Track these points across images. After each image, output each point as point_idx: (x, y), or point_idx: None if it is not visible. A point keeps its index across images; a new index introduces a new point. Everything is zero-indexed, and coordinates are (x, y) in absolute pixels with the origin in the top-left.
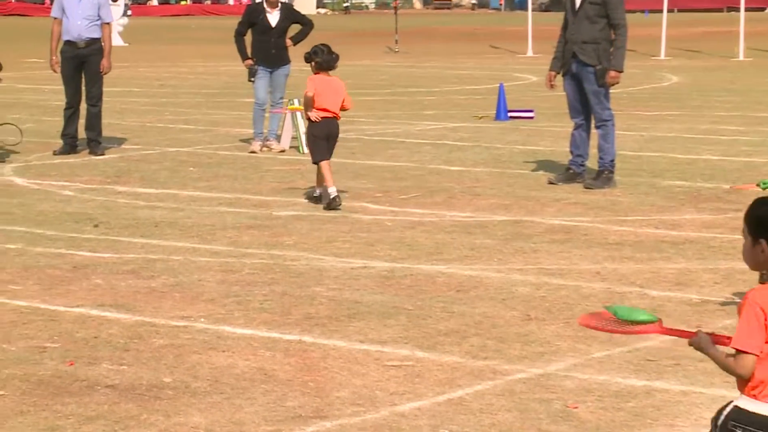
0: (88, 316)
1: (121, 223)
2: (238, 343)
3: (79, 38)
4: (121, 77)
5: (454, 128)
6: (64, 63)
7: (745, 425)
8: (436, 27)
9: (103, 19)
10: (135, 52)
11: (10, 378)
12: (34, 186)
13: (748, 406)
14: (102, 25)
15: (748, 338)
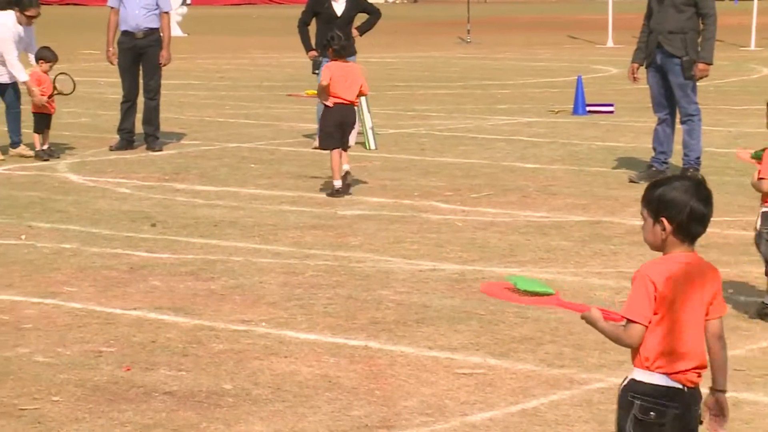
0: (145, 320)
1: (179, 222)
2: (300, 348)
3: (137, 28)
4: (180, 69)
5: (529, 123)
6: (122, 54)
7: (641, 396)
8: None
9: (162, 9)
10: (194, 43)
11: (65, 383)
12: (90, 183)
13: (642, 378)
14: (161, 14)
15: (637, 308)
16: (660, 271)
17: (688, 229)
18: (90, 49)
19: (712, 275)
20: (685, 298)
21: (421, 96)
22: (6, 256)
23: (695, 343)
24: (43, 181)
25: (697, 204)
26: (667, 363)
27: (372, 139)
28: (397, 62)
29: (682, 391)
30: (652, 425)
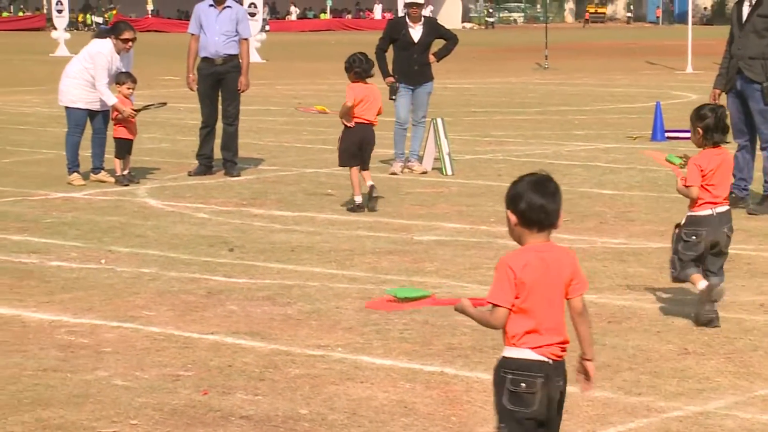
0: (222, 344)
1: (256, 247)
2: (377, 373)
3: (217, 55)
4: (259, 95)
5: (607, 149)
6: (201, 80)
7: (513, 370)
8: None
9: (241, 35)
10: (273, 69)
11: (143, 407)
12: (169, 208)
13: (512, 354)
14: (240, 41)
15: (499, 294)
16: (517, 259)
17: (530, 219)
18: (170, 75)
19: (567, 260)
20: (543, 281)
21: (498, 122)
22: (86, 280)
23: (556, 321)
24: (123, 206)
25: (534, 195)
26: (532, 339)
27: (449, 164)
28: (473, 88)
29: (547, 363)
30: (524, 395)
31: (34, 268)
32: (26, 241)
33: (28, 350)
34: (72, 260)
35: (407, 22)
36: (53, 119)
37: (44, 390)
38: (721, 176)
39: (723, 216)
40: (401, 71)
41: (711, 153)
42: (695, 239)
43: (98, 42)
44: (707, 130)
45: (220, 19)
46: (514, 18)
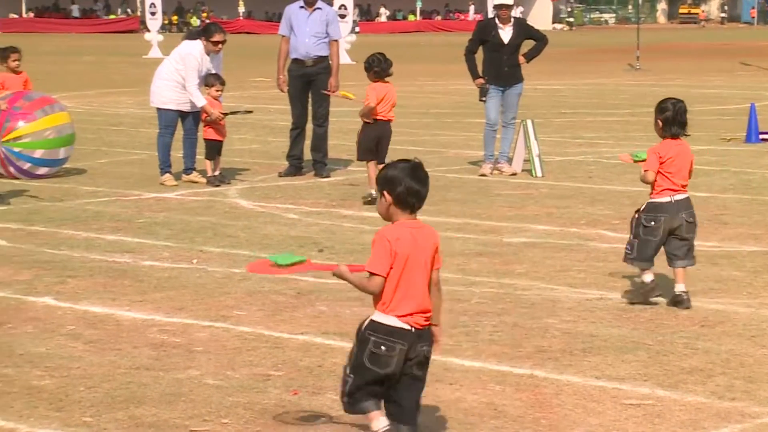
0: (312, 344)
1: (345, 248)
2: (466, 375)
3: (307, 56)
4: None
5: (700, 151)
6: (291, 82)
7: (377, 334)
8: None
9: (332, 36)
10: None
11: (233, 406)
12: (259, 209)
13: (379, 319)
14: (330, 42)
15: (377, 263)
16: (393, 233)
17: (406, 201)
18: (260, 77)
19: (433, 237)
20: (412, 255)
21: (589, 123)
22: (178, 279)
23: (422, 292)
24: (214, 206)
25: (411, 181)
26: (398, 307)
27: (539, 166)
28: (564, 89)
29: (409, 331)
30: (382, 357)
31: (127, 267)
32: (120, 241)
33: (121, 348)
34: (164, 260)
35: (497, 23)
36: (146, 120)
37: (137, 388)
38: (679, 165)
39: (681, 203)
40: (491, 73)
41: (670, 143)
42: (654, 224)
43: (188, 43)
44: (666, 122)
45: (311, 20)
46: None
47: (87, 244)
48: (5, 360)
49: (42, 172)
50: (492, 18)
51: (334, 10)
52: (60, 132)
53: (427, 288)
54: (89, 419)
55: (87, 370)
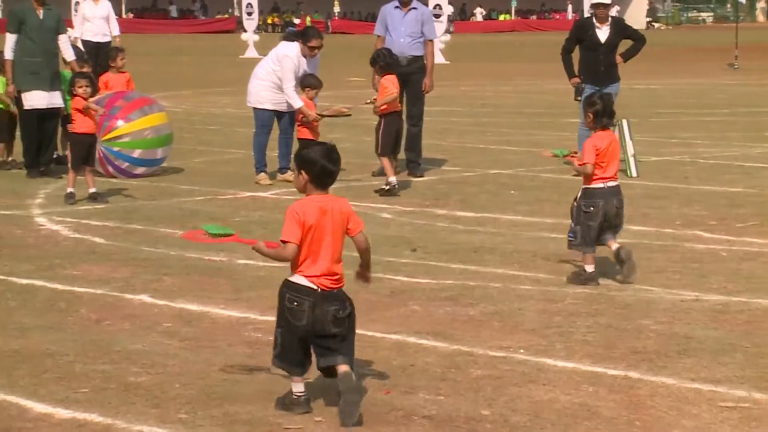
0: (404, 343)
1: (439, 247)
2: (559, 376)
3: (402, 56)
4: (443, 96)
5: None
6: None
7: (289, 291)
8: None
9: (427, 36)
10: (457, 70)
11: (328, 404)
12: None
13: (293, 279)
14: (425, 42)
15: (290, 233)
16: (303, 206)
17: (320, 180)
18: (355, 77)
19: (341, 207)
20: (319, 225)
21: (686, 123)
22: (272, 278)
23: (328, 258)
24: None
25: (326, 163)
26: (306, 269)
27: (634, 166)
28: (660, 89)
29: (315, 290)
30: (295, 311)
31: (222, 266)
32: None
33: (216, 346)
34: (259, 259)
35: (594, 22)
36: (242, 120)
37: (232, 386)
38: (611, 155)
39: (613, 189)
40: (587, 72)
41: (602, 135)
42: (593, 209)
43: (286, 45)
44: (596, 114)
45: (406, 20)
46: (702, 18)
47: (183, 243)
48: (103, 356)
49: (140, 172)
50: (589, 17)
51: (429, 9)
52: (158, 132)
53: (335, 254)
54: (184, 416)
55: (182, 367)
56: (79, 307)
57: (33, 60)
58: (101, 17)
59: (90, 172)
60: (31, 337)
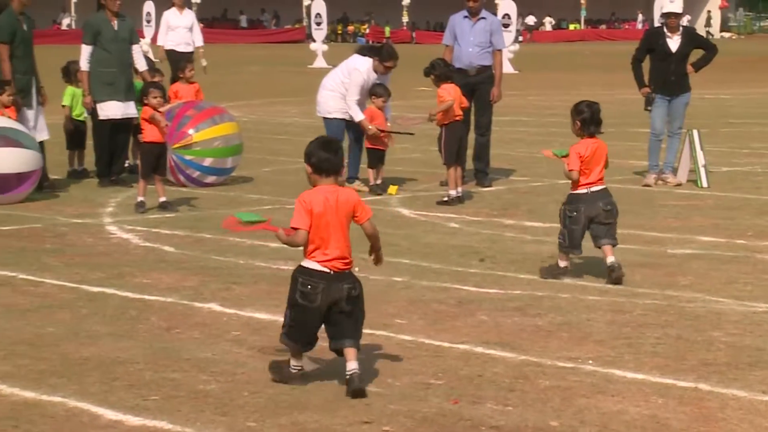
0: (472, 354)
1: (507, 257)
2: (628, 387)
3: (470, 66)
4: (511, 106)
5: None
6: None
7: (302, 275)
8: None
9: (495, 46)
10: (525, 80)
11: (395, 414)
12: (421, 218)
13: (305, 264)
14: (494, 51)
15: (299, 220)
16: (311, 196)
17: (320, 168)
18: (423, 86)
19: (347, 196)
20: (328, 213)
21: (758, 133)
22: None
23: (339, 243)
24: (376, 215)
25: (321, 152)
26: (318, 254)
27: (704, 176)
28: (731, 99)
29: (328, 273)
30: (308, 294)
31: (290, 275)
32: (284, 249)
33: (285, 355)
34: None
35: (665, 32)
36: (310, 129)
37: (300, 394)
38: (596, 161)
39: (598, 194)
40: (658, 81)
41: (587, 142)
42: (576, 214)
43: (358, 58)
44: (584, 122)
45: (475, 30)
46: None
47: (252, 252)
48: (173, 364)
49: (210, 181)
50: (660, 26)
51: (498, 19)
52: (228, 142)
53: (343, 239)
54: (253, 424)
55: (251, 375)
56: (149, 315)
57: (108, 71)
58: (185, 27)
59: (160, 181)
60: (102, 345)
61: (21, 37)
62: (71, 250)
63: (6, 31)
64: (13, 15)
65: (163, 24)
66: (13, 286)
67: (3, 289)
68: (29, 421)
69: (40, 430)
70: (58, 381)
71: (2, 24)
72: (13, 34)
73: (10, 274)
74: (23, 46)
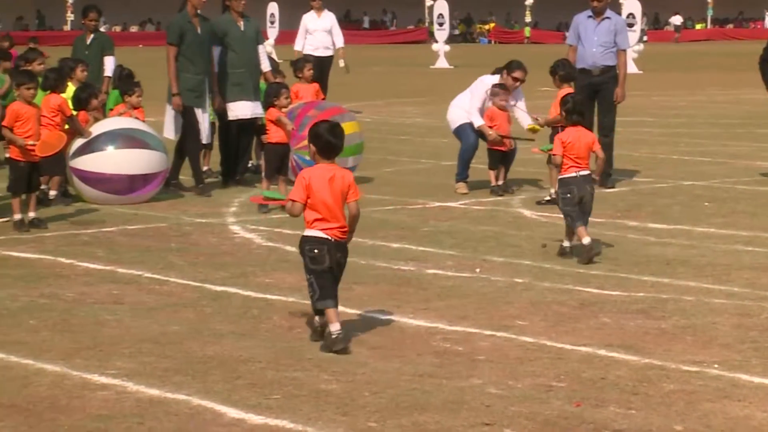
0: (595, 356)
1: (630, 259)
2: (755, 392)
3: (594, 66)
4: (635, 106)
5: None
6: (577, 91)
7: (308, 243)
8: None
9: (620, 46)
10: (649, 80)
11: (516, 416)
12: (542, 219)
13: (308, 233)
14: (618, 52)
15: (296, 193)
16: (311, 172)
17: (324, 150)
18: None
19: (342, 175)
20: (325, 188)
21: None
22: (461, 288)
23: (336, 215)
24: (497, 215)
25: (328, 135)
26: (320, 224)
27: None
28: None
29: (329, 240)
30: (316, 257)
31: (411, 275)
32: (405, 249)
33: (405, 355)
34: (448, 268)
35: None
36: (431, 130)
37: (421, 395)
38: (580, 147)
39: (585, 178)
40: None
41: (571, 130)
42: (569, 196)
43: (486, 76)
44: (567, 112)
45: (599, 30)
46: None
47: (373, 252)
48: (295, 364)
49: None
50: None
51: (622, 19)
52: (349, 141)
53: (340, 211)
54: (374, 424)
55: (372, 375)
56: (271, 314)
57: (237, 71)
58: (324, 30)
59: (283, 181)
60: (225, 344)
61: (191, 39)
62: (195, 249)
63: (174, 33)
64: (186, 17)
65: (302, 28)
66: (139, 284)
67: (129, 288)
68: (154, 418)
69: (165, 427)
70: (183, 379)
71: (171, 26)
72: (182, 36)
73: (137, 273)
74: (194, 48)
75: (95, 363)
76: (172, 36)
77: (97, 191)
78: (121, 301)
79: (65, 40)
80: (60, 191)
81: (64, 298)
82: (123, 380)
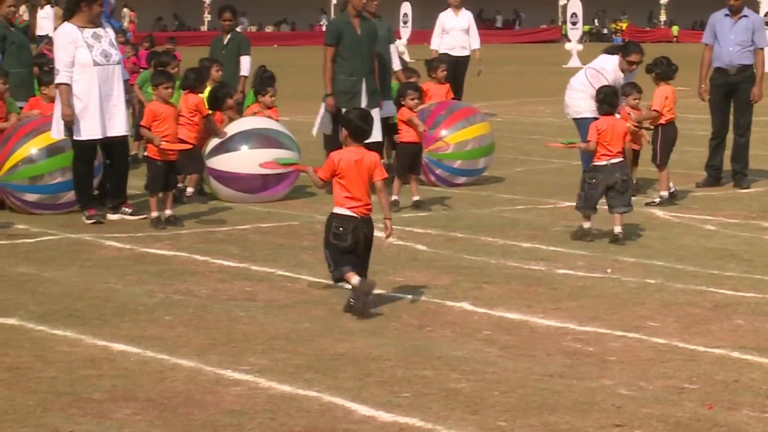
0: (728, 358)
1: (765, 261)
2: None
3: (730, 65)
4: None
5: None
6: (713, 91)
7: (335, 219)
8: None
9: (757, 45)
10: None
11: (647, 417)
12: (675, 219)
13: (337, 210)
14: (755, 50)
15: (323, 171)
16: (340, 154)
17: (355, 135)
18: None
19: (369, 157)
20: (352, 168)
21: None
22: (593, 288)
23: (362, 193)
24: (631, 215)
25: (358, 121)
26: (347, 202)
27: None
28: None
29: (355, 217)
30: (340, 234)
31: (542, 275)
32: (535, 249)
33: (535, 355)
34: (579, 269)
35: None
36: (563, 130)
37: (550, 395)
38: (612, 136)
39: (616, 165)
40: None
41: (605, 119)
42: (594, 182)
43: (605, 58)
44: (600, 102)
45: (736, 28)
46: None
47: (503, 251)
48: (424, 362)
49: (460, 181)
50: None
51: (760, 17)
52: (481, 142)
53: (365, 191)
54: (503, 424)
55: (501, 375)
56: (401, 312)
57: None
58: (461, 29)
59: (415, 181)
60: (355, 341)
61: (349, 40)
62: None
63: (332, 34)
64: (345, 17)
65: (438, 26)
66: (271, 281)
67: (262, 285)
68: (286, 414)
69: (296, 423)
70: (314, 376)
71: (329, 26)
72: (339, 36)
73: (269, 270)
74: (352, 49)
75: (229, 359)
76: (329, 37)
77: (232, 190)
78: (254, 298)
79: (202, 40)
80: (196, 189)
81: (199, 295)
82: (255, 376)
